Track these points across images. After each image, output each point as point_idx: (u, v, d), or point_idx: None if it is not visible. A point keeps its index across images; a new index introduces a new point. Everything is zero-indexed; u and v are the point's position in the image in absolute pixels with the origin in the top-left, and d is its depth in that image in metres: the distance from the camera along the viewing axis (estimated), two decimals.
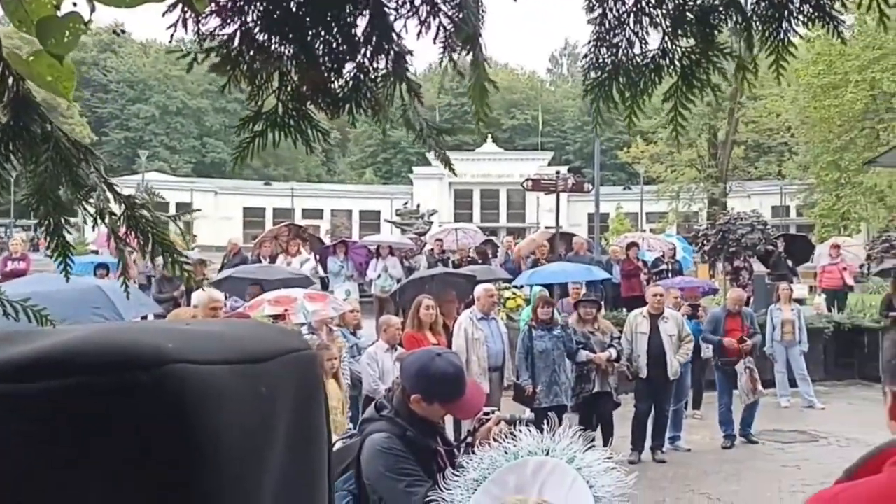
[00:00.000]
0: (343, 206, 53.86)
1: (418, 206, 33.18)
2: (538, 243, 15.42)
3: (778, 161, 41.21)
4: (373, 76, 1.54)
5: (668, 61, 1.55)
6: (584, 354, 7.62)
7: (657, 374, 7.84)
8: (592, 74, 1.59)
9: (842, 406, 10.30)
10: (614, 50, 1.58)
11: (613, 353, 7.69)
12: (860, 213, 29.31)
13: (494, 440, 2.44)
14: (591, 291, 11.02)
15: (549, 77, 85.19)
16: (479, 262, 14.27)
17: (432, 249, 16.17)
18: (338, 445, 3.15)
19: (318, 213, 50.45)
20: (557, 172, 16.47)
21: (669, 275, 13.68)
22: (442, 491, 2.32)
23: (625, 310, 12.11)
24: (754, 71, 1.54)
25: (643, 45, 1.60)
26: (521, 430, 2.43)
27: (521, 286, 12.64)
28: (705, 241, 16.62)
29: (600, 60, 1.58)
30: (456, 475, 2.33)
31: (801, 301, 15.02)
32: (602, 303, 10.17)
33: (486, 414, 2.81)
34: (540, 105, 65.96)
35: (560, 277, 11.24)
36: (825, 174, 30.60)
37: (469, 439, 2.81)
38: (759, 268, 15.81)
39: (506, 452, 2.31)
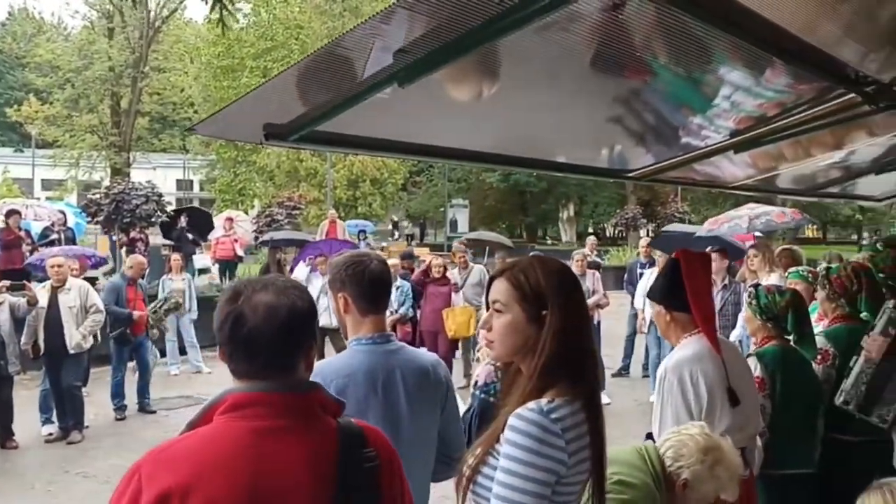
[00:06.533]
0: None
1: None
2: None
3: (182, 135, 42.17)
4: None
5: None
6: None
7: (57, 348, 7.60)
8: None
9: (226, 369, 11.04)
10: None
11: None
12: (254, 189, 32.07)
13: None
14: None
15: None
16: None
17: None
18: None
19: None
20: None
21: (62, 243, 13.06)
22: None
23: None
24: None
25: None
26: None
27: None
28: (99, 211, 15.92)
29: None
30: None
31: (205, 270, 15.79)
32: None
33: None
34: None
35: None
36: (224, 152, 32.56)
37: None
38: (155, 239, 15.87)
39: None
